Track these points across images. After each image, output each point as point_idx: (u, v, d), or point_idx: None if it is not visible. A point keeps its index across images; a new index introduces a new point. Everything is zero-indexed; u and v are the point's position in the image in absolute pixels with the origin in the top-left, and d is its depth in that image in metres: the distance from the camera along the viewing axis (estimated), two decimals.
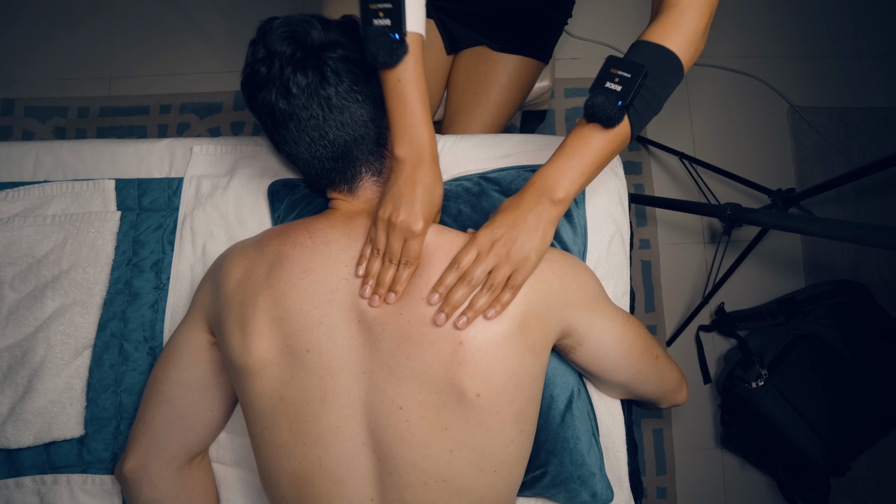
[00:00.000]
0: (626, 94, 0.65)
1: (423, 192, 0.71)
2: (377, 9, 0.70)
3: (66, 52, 1.78)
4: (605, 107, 0.66)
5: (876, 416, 1.39)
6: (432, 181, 0.73)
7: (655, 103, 0.69)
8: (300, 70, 0.72)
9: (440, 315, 0.66)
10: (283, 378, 0.69)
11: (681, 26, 0.68)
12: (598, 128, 0.68)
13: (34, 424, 0.87)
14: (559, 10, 1.13)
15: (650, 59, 0.67)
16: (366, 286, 0.69)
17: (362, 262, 0.70)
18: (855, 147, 1.74)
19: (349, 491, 0.68)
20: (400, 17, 0.69)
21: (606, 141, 0.69)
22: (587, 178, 0.70)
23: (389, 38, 0.69)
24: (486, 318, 0.67)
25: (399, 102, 0.72)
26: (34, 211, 0.98)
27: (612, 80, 0.66)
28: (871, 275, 1.68)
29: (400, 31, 0.69)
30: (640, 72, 0.65)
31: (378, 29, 0.70)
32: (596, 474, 0.84)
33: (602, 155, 0.69)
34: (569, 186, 0.69)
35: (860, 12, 1.85)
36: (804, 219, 0.97)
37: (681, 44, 0.68)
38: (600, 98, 0.66)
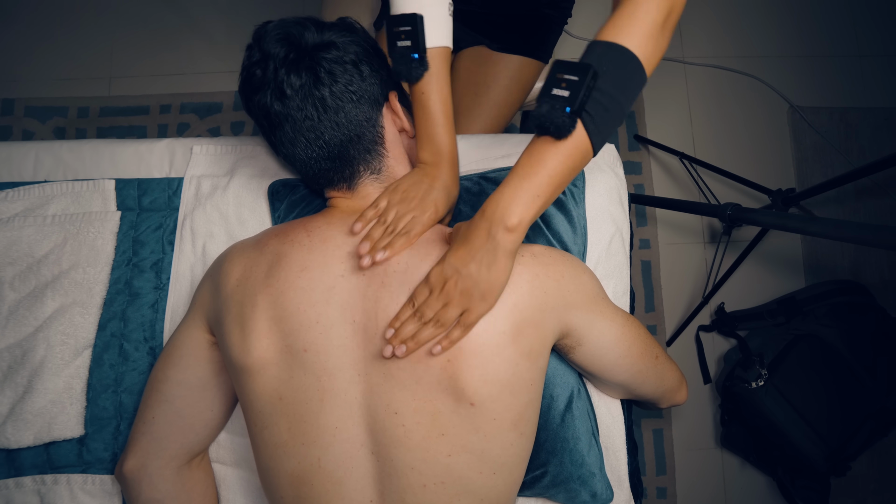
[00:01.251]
0: (573, 99, 0.58)
1: (441, 184, 0.78)
2: (399, 31, 0.77)
3: (66, 51, 1.78)
4: (553, 115, 0.59)
5: (876, 416, 1.39)
6: (451, 180, 0.80)
7: (615, 108, 0.61)
8: (294, 71, 0.73)
9: (388, 348, 0.65)
10: (282, 378, 0.69)
11: (635, 20, 0.61)
12: (551, 142, 0.61)
13: (34, 424, 0.87)
14: (558, 9, 1.13)
15: (602, 58, 0.60)
16: (364, 242, 0.70)
17: (361, 221, 0.73)
18: (855, 147, 1.74)
19: (348, 492, 0.68)
20: (418, 39, 0.76)
21: (562, 156, 0.61)
22: (544, 200, 0.63)
23: (410, 58, 0.77)
24: (431, 353, 0.65)
25: (422, 112, 0.79)
26: (34, 211, 0.98)
27: (558, 85, 0.60)
28: (871, 275, 1.68)
29: (419, 51, 0.76)
30: (587, 72, 0.58)
31: (401, 50, 0.77)
32: (596, 474, 0.84)
33: (558, 172, 0.62)
34: (523, 212, 0.62)
35: (860, 12, 1.85)
36: (804, 219, 0.97)
37: (635, 38, 0.61)
38: (546, 106, 0.60)
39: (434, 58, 0.78)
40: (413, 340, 0.65)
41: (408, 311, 0.66)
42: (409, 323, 0.66)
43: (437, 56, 0.78)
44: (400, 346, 0.65)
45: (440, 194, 0.77)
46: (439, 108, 0.79)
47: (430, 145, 0.79)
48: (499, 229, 0.62)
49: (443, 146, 0.79)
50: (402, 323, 0.66)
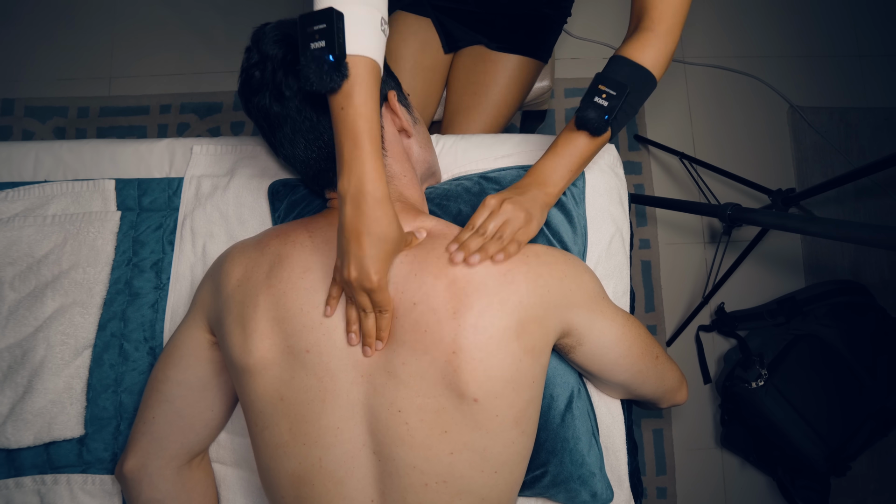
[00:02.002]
0: (612, 110, 0.76)
1: (370, 243, 0.64)
2: (313, 31, 0.64)
3: (66, 51, 1.78)
4: (595, 120, 0.77)
5: (876, 416, 1.39)
6: (380, 226, 0.64)
7: (631, 112, 0.80)
8: (292, 73, 0.73)
9: (458, 254, 0.69)
10: (284, 378, 0.69)
11: (657, 49, 0.78)
12: (586, 135, 0.80)
13: (34, 424, 0.87)
14: (557, 9, 1.13)
15: (632, 78, 0.77)
16: (351, 333, 0.68)
17: (330, 303, 0.69)
18: (855, 147, 1.75)
19: (349, 492, 0.68)
20: (333, 38, 0.63)
21: (592, 144, 0.81)
22: (573, 174, 0.82)
23: (323, 59, 0.63)
24: (493, 261, 0.69)
25: (342, 131, 0.65)
26: (34, 211, 0.98)
27: (599, 95, 0.77)
28: (871, 275, 1.68)
29: (334, 53, 0.63)
30: (625, 91, 0.76)
31: (314, 52, 0.63)
32: (596, 474, 0.84)
33: (587, 156, 0.82)
34: (559, 181, 0.81)
35: (860, 12, 1.85)
36: (804, 219, 0.97)
37: (656, 63, 0.78)
38: (591, 112, 0.77)
39: (357, 67, 0.64)
40: (483, 251, 0.69)
41: (468, 233, 0.73)
42: (473, 239, 0.71)
43: (361, 66, 0.64)
44: (473, 255, 0.68)
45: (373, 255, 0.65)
46: (363, 127, 0.64)
47: (348, 174, 0.65)
48: (542, 190, 0.80)
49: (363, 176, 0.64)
50: (465, 240, 0.71)
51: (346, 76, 0.64)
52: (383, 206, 0.65)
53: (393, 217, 0.66)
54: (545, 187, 0.80)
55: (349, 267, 0.65)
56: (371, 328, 0.67)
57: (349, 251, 0.65)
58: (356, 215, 0.64)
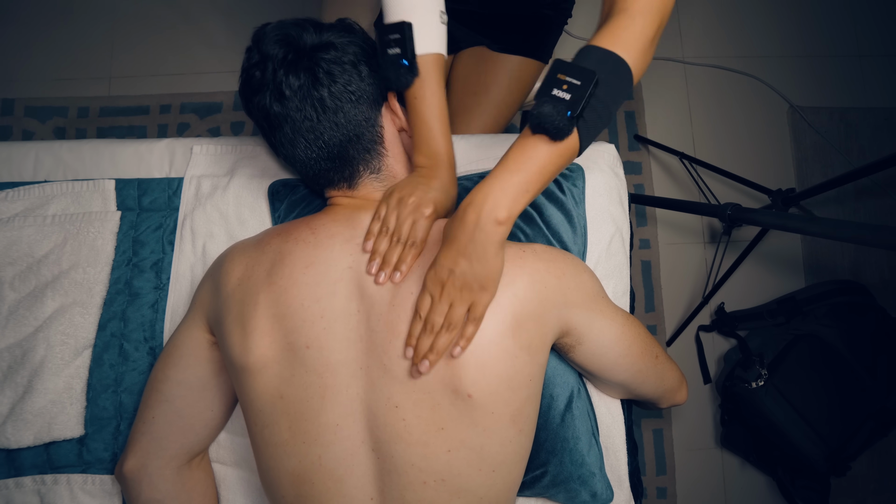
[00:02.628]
0: (575, 104, 0.60)
1: (439, 185, 0.77)
2: (389, 39, 0.76)
3: (66, 52, 1.78)
4: (554, 118, 0.60)
5: (876, 416, 1.39)
6: (449, 180, 0.79)
7: (605, 115, 0.63)
8: (292, 72, 0.73)
9: (412, 368, 0.66)
10: (284, 376, 0.69)
11: (632, 32, 0.63)
12: (545, 140, 0.62)
13: (34, 424, 0.87)
14: (558, 10, 1.13)
15: (601, 65, 0.61)
16: (373, 262, 0.70)
17: (370, 238, 0.72)
18: (855, 147, 1.74)
19: (349, 490, 0.68)
20: (406, 46, 0.76)
21: (554, 155, 0.62)
22: (531, 195, 0.63)
23: (399, 65, 0.76)
24: (452, 355, 0.65)
25: (416, 118, 0.79)
26: (34, 211, 0.98)
27: (559, 86, 0.60)
28: (871, 275, 1.68)
29: (408, 59, 0.76)
30: (592, 79, 0.60)
31: (391, 58, 0.76)
32: (596, 474, 0.84)
33: (548, 170, 0.63)
34: (511, 206, 0.62)
35: (860, 12, 1.85)
36: (804, 219, 0.97)
37: (631, 51, 0.63)
38: (548, 107, 0.60)
39: (425, 64, 0.78)
40: (433, 353, 0.65)
41: (418, 326, 0.66)
42: (424, 337, 0.65)
43: (428, 62, 0.78)
44: (423, 362, 0.65)
45: (438, 194, 0.76)
46: (433, 113, 0.79)
47: (426, 149, 0.79)
48: (488, 222, 0.62)
49: (439, 150, 0.79)
50: (417, 339, 0.66)
51: (417, 75, 0.77)
52: (452, 169, 0.80)
53: (456, 181, 0.81)
54: (493, 215, 0.62)
55: (415, 192, 0.74)
56: (395, 259, 0.70)
57: (419, 183, 0.76)
58: (431, 170, 0.78)
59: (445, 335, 0.65)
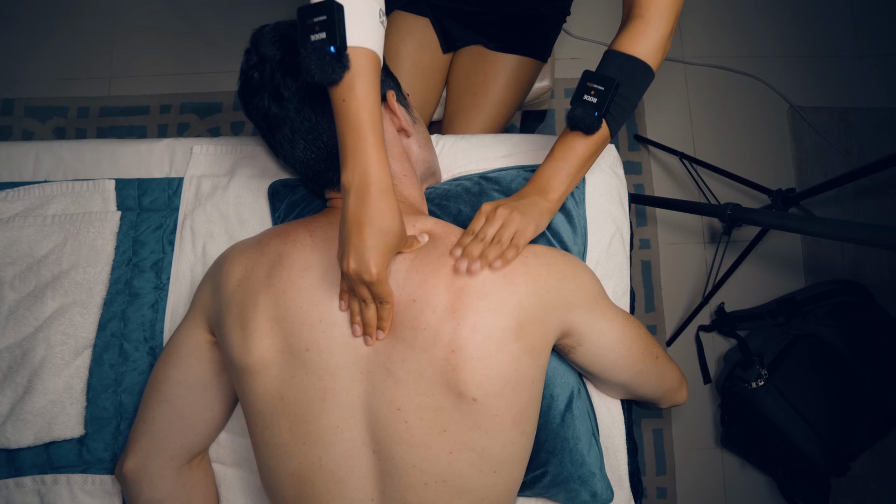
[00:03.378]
0: (601, 106, 0.75)
1: (372, 234, 0.64)
2: (313, 23, 0.64)
3: (65, 51, 1.78)
4: (585, 118, 0.76)
5: (876, 416, 1.39)
6: (382, 217, 0.64)
7: (629, 106, 0.79)
8: (290, 74, 0.73)
9: (462, 262, 0.69)
10: (284, 377, 0.69)
11: (647, 35, 0.77)
12: (581, 135, 0.79)
13: (34, 424, 0.87)
14: (555, 7, 1.13)
15: (621, 69, 0.76)
16: (355, 325, 0.68)
17: (343, 297, 0.69)
18: (855, 147, 1.74)
19: (349, 491, 0.68)
20: (335, 29, 0.63)
21: (589, 145, 0.79)
22: (575, 177, 0.81)
23: (324, 52, 0.63)
24: (492, 268, 0.69)
25: (344, 123, 0.66)
26: (34, 211, 0.98)
27: (588, 92, 0.76)
28: (871, 275, 1.68)
29: (335, 45, 0.63)
30: (612, 85, 0.75)
31: (314, 44, 0.64)
32: (596, 474, 0.84)
33: (586, 157, 0.80)
34: (559, 186, 0.80)
35: (860, 12, 1.85)
36: (804, 219, 0.97)
37: (648, 51, 0.77)
38: (579, 110, 0.76)
39: (358, 59, 0.65)
40: (483, 257, 0.69)
41: (468, 238, 0.72)
42: (474, 245, 0.70)
43: (361, 58, 0.65)
44: (474, 262, 0.68)
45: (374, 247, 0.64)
46: (365, 119, 0.65)
47: (352, 167, 0.65)
48: (541, 197, 0.79)
49: (367, 168, 0.64)
50: (467, 246, 0.71)
51: (347, 67, 0.64)
52: (386, 198, 0.65)
53: (396, 210, 0.66)
54: (545, 193, 0.80)
55: (349, 258, 0.64)
56: (372, 318, 0.68)
57: (350, 242, 0.65)
58: (359, 206, 0.64)
59: (495, 247, 0.70)
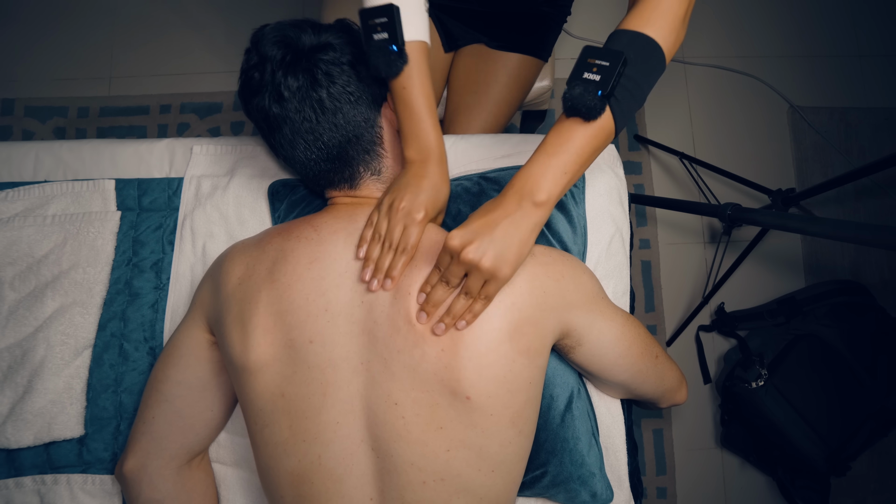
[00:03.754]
0: (605, 83, 0.62)
1: (429, 185, 0.74)
2: (375, 24, 0.73)
3: (65, 51, 1.78)
4: (585, 98, 0.62)
5: (876, 416, 1.39)
6: (439, 178, 0.76)
7: (638, 94, 0.65)
8: (290, 73, 0.73)
9: (421, 314, 0.67)
10: (285, 374, 0.69)
11: (660, 12, 0.65)
12: (580, 122, 0.64)
13: (34, 424, 0.87)
14: (556, 6, 1.13)
15: (629, 46, 0.63)
16: (366, 269, 0.70)
17: (362, 245, 0.72)
18: (855, 147, 1.74)
19: (348, 490, 0.68)
20: (395, 31, 0.72)
21: (589, 136, 0.64)
22: (570, 177, 0.65)
23: (388, 50, 0.73)
24: (456, 328, 0.66)
25: (405, 109, 0.76)
26: (34, 211, 0.98)
27: (590, 70, 0.63)
28: (871, 275, 1.68)
29: (397, 44, 0.73)
30: (619, 59, 0.62)
31: (378, 43, 0.73)
32: (596, 474, 0.84)
33: (585, 152, 0.65)
34: (551, 188, 0.64)
35: (860, 12, 1.85)
36: (804, 219, 0.97)
37: (660, 30, 0.64)
38: (578, 89, 0.62)
39: (413, 52, 0.74)
40: (449, 316, 0.66)
41: (436, 276, 0.68)
42: (438, 289, 0.67)
43: (415, 50, 0.75)
44: (439, 325, 0.66)
45: (428, 196, 0.73)
46: (422, 103, 0.75)
47: (416, 143, 0.76)
48: (527, 203, 0.64)
49: (429, 143, 0.76)
50: (433, 287, 0.67)
51: (406, 62, 0.74)
52: (443, 167, 0.77)
53: (447, 178, 0.77)
54: (532, 196, 0.64)
55: (402, 198, 0.72)
56: (386, 265, 0.70)
57: (409, 186, 0.73)
58: (421, 168, 0.75)
59: (463, 301, 0.65)
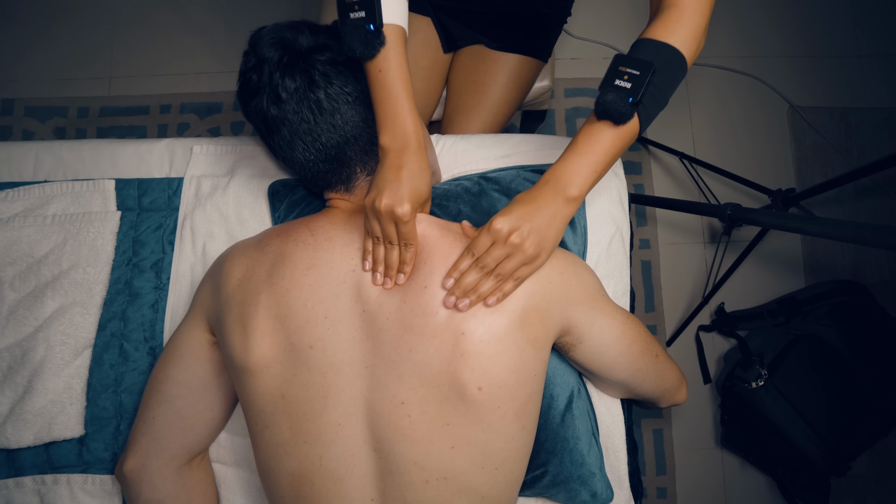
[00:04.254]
0: (636, 91, 0.66)
1: (408, 175, 0.71)
2: (352, 2, 0.70)
3: (65, 51, 1.78)
4: (617, 104, 0.67)
5: (876, 416, 1.39)
6: (418, 166, 0.72)
7: (662, 99, 0.70)
8: (288, 75, 0.73)
9: (450, 298, 0.67)
10: (285, 376, 0.69)
11: (683, 24, 0.69)
12: (609, 125, 0.69)
13: (34, 424, 0.87)
14: (556, 8, 1.13)
15: (657, 56, 0.68)
16: (376, 273, 0.70)
17: (367, 257, 0.71)
18: (855, 147, 1.74)
19: (349, 490, 0.68)
20: (373, 8, 0.69)
21: (617, 138, 0.70)
22: (598, 175, 0.71)
23: (365, 29, 0.70)
24: (486, 304, 0.67)
25: (381, 92, 0.72)
26: (34, 211, 0.98)
27: (621, 77, 0.67)
28: (871, 275, 1.68)
29: (375, 23, 0.70)
30: (650, 69, 0.66)
31: (354, 21, 0.70)
32: (596, 474, 0.84)
33: (613, 152, 0.70)
34: (582, 184, 0.70)
35: (860, 12, 1.85)
36: (804, 219, 0.97)
37: (684, 41, 0.69)
38: (611, 95, 0.67)
39: (391, 34, 0.71)
40: (475, 293, 0.67)
41: (467, 261, 0.68)
42: (471, 272, 0.67)
43: (393, 33, 0.72)
44: (463, 299, 0.66)
45: (409, 188, 0.70)
46: (400, 87, 0.72)
47: (391, 129, 0.72)
48: (561, 198, 0.70)
49: (406, 129, 0.72)
50: (463, 273, 0.68)
51: (384, 43, 0.71)
52: (421, 154, 0.72)
53: (427, 164, 0.73)
54: (565, 191, 0.70)
55: (382, 196, 0.69)
56: (394, 260, 0.69)
57: (386, 182, 0.70)
58: (398, 157, 0.71)
59: (492, 282, 0.67)
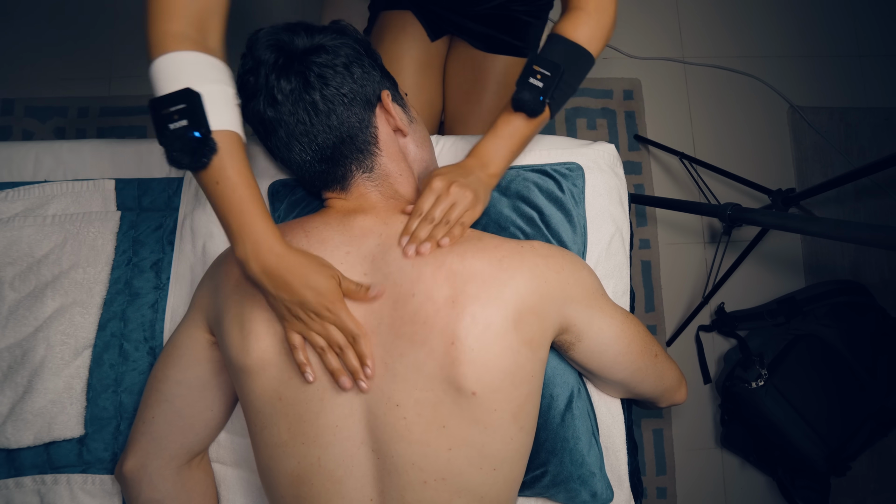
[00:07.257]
0: (547, 91, 0.79)
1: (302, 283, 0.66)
2: (170, 112, 0.63)
3: (66, 51, 1.78)
4: (531, 102, 0.79)
5: (876, 416, 1.39)
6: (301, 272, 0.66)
7: (570, 91, 0.83)
8: (283, 76, 0.73)
9: (410, 247, 0.70)
10: (282, 378, 0.69)
11: (590, 26, 0.82)
12: (523, 116, 0.81)
13: (34, 424, 0.87)
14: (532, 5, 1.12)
15: (567, 56, 0.80)
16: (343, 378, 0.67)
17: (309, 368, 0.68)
18: (855, 147, 1.74)
19: (348, 491, 0.68)
20: (197, 114, 0.63)
21: (532, 127, 0.83)
22: (514, 154, 0.85)
23: (189, 137, 0.63)
24: (439, 245, 0.70)
25: (223, 205, 0.65)
26: (34, 211, 0.98)
27: (534, 76, 0.79)
28: (871, 275, 1.68)
29: (200, 130, 0.63)
30: (559, 71, 0.79)
31: (175, 132, 0.63)
32: (596, 474, 0.84)
33: (526, 137, 0.84)
34: (500, 162, 0.83)
35: (860, 12, 1.85)
36: (804, 219, 0.97)
37: (590, 40, 0.81)
38: (526, 94, 0.79)
39: (223, 140, 0.64)
40: (430, 238, 0.71)
41: (416, 220, 0.73)
42: (422, 227, 0.72)
43: (226, 139, 0.65)
44: (423, 244, 0.70)
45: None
46: (244, 195, 0.65)
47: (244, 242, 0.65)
48: (483, 172, 0.82)
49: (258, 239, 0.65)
50: (415, 230, 0.72)
51: (215, 150, 0.64)
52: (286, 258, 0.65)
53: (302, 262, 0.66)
54: (487, 168, 0.82)
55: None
56: (354, 361, 0.67)
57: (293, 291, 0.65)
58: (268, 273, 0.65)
59: (442, 227, 0.72)
